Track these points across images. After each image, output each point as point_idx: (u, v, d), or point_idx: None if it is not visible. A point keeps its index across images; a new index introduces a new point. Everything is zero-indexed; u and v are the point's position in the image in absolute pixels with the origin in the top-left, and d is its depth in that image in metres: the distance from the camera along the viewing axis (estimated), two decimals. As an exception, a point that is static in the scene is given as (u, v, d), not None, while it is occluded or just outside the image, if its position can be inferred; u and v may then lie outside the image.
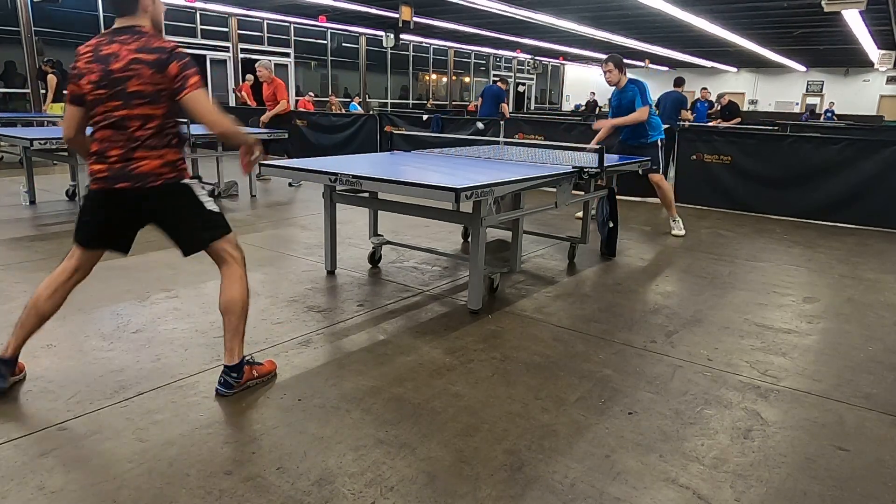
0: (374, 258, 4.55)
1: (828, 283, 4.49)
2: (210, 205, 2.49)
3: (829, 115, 22.47)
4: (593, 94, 25.87)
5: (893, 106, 25.93)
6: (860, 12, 11.84)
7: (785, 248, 5.56)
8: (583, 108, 23.92)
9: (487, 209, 3.48)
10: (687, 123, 9.72)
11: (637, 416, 2.47)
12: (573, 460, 2.16)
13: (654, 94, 7.19)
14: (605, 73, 5.66)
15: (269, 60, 8.56)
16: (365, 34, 19.28)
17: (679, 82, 10.67)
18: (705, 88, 15.27)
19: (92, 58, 2.31)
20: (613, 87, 5.75)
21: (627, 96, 5.60)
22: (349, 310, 3.62)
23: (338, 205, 4.22)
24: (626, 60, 5.82)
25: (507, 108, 12.27)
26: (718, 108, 12.55)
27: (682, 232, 5.90)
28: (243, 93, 12.45)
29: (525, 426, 2.37)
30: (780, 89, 29.06)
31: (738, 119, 11.84)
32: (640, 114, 5.56)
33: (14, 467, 2.02)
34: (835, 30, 15.88)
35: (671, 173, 7.74)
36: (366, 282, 4.18)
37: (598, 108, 22.46)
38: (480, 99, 12.34)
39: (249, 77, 14.06)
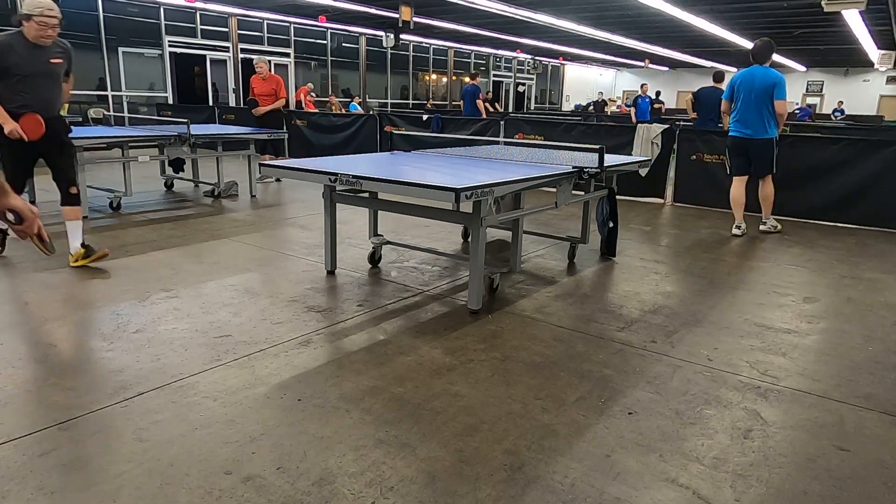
0: (374, 258, 4.55)
1: (828, 283, 4.49)
2: None
3: (837, 114, 22.35)
4: (601, 94, 25.97)
5: (893, 106, 25.91)
6: (860, 12, 11.84)
7: (785, 248, 5.56)
8: (591, 107, 23.57)
9: (487, 209, 3.48)
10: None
11: (637, 416, 2.47)
12: (573, 460, 2.16)
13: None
14: None
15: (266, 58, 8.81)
16: (365, 34, 19.27)
17: (718, 77, 9.50)
18: (645, 84, 15.74)
19: None
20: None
21: None
22: (349, 310, 3.62)
23: (338, 205, 4.23)
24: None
25: (482, 104, 12.23)
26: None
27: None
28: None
29: (525, 426, 2.37)
30: (780, 89, 29.03)
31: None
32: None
33: (14, 467, 2.02)
34: (835, 30, 15.87)
35: (670, 173, 7.76)
36: (366, 282, 4.18)
37: (605, 107, 22.38)
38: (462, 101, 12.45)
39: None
